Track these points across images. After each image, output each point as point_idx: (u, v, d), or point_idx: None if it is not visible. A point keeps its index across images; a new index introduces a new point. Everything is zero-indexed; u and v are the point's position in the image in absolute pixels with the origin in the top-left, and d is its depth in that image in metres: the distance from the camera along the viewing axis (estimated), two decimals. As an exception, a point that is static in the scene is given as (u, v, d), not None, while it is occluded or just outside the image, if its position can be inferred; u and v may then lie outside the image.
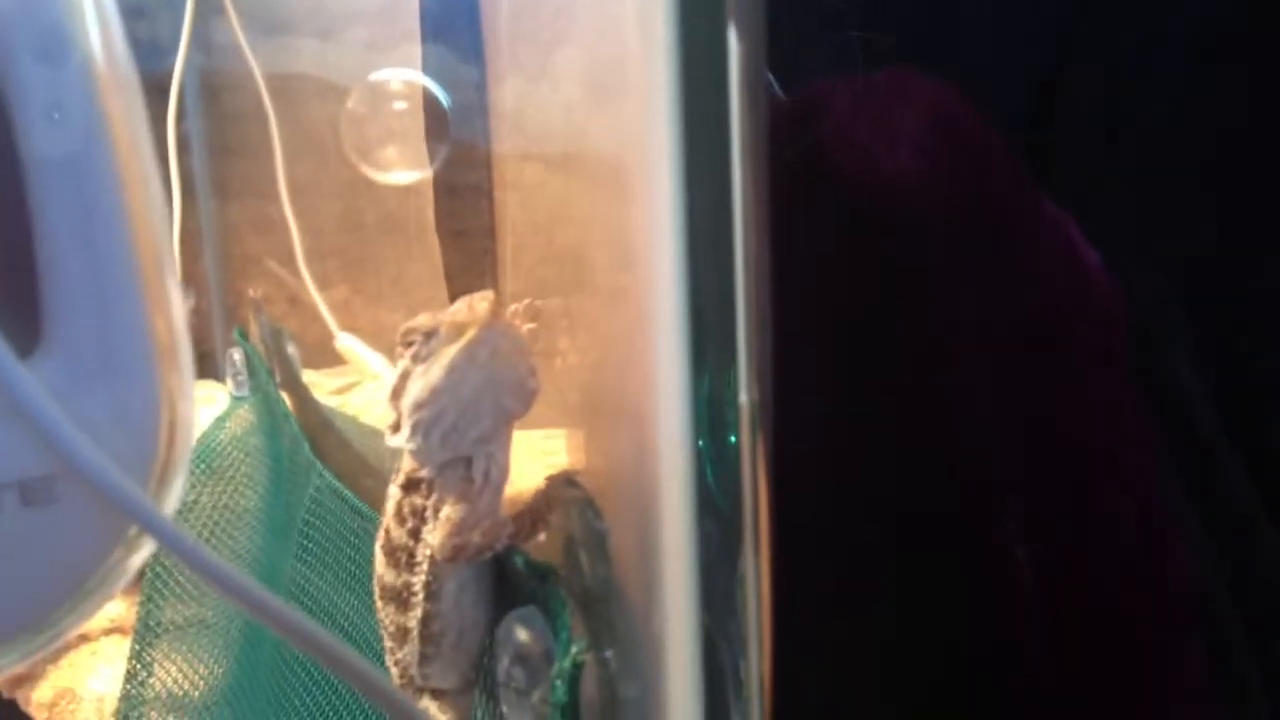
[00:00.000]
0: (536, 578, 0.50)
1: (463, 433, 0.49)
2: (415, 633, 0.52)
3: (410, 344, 0.49)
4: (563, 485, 0.52)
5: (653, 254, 0.41)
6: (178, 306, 0.36)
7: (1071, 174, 0.44)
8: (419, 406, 0.48)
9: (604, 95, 0.48)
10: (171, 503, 0.36)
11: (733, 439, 0.41)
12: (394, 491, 0.53)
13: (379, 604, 0.54)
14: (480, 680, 0.54)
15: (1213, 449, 0.43)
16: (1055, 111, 0.43)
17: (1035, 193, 0.44)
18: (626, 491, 0.49)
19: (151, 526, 0.34)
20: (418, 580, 0.51)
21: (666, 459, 0.42)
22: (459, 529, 0.49)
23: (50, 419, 0.32)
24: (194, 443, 0.36)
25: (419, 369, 0.48)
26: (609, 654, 0.49)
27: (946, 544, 0.45)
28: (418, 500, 0.52)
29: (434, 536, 0.50)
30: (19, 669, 0.35)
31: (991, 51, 0.43)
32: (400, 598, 0.52)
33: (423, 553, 0.51)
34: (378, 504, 0.73)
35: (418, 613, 0.52)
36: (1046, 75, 0.43)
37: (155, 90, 1.06)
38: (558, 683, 0.46)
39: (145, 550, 0.36)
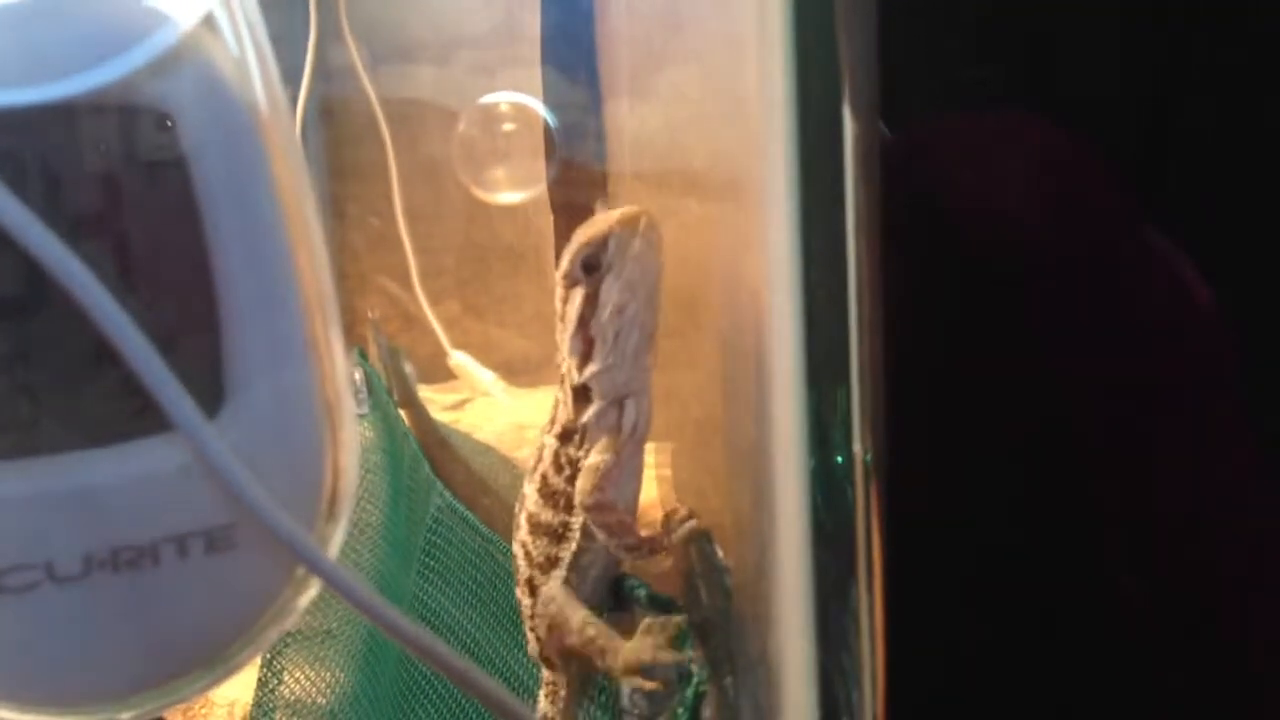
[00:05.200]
0: (658, 609, 0.52)
1: (644, 329, 0.53)
2: (565, 563, 0.56)
3: (592, 268, 0.52)
4: (682, 519, 0.54)
5: (770, 294, 0.43)
6: (340, 359, 0.39)
7: (1182, 207, 0.44)
8: (620, 310, 0.52)
9: (720, 122, 0.50)
10: (335, 545, 0.39)
11: (842, 460, 0.42)
12: (549, 441, 0.57)
13: (527, 538, 0.58)
14: (602, 705, 0.56)
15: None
16: (1165, 145, 0.44)
17: (1145, 231, 0.44)
18: (743, 525, 0.51)
19: (320, 569, 0.37)
20: (576, 520, 0.56)
21: (781, 490, 0.44)
22: (603, 482, 0.53)
23: (236, 475, 0.35)
24: (355, 489, 0.39)
25: (610, 276, 0.52)
26: (728, 681, 0.51)
27: (1056, 580, 0.46)
28: (572, 451, 0.56)
29: (579, 482, 0.54)
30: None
31: (1099, 86, 0.44)
32: (555, 533, 0.57)
33: None
34: (496, 523, 0.77)
35: (572, 546, 0.56)
36: (1157, 108, 0.43)
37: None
38: (680, 710, 0.49)
39: (312, 590, 0.38)
